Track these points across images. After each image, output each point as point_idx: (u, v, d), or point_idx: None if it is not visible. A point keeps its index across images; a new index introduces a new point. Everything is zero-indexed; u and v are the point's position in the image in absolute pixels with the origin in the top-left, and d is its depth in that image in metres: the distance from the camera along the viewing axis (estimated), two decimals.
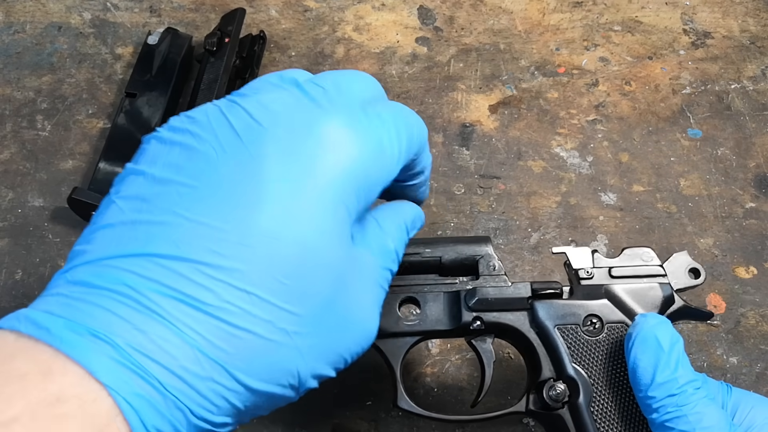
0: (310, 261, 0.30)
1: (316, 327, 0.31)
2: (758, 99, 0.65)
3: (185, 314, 0.28)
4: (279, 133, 0.31)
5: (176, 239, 0.28)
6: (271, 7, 0.70)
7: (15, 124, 0.63)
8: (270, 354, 0.29)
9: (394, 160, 0.34)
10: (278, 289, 0.29)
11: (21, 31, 0.68)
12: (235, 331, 0.28)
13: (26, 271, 0.57)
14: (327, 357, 0.32)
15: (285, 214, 0.29)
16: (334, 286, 0.31)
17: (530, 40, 0.69)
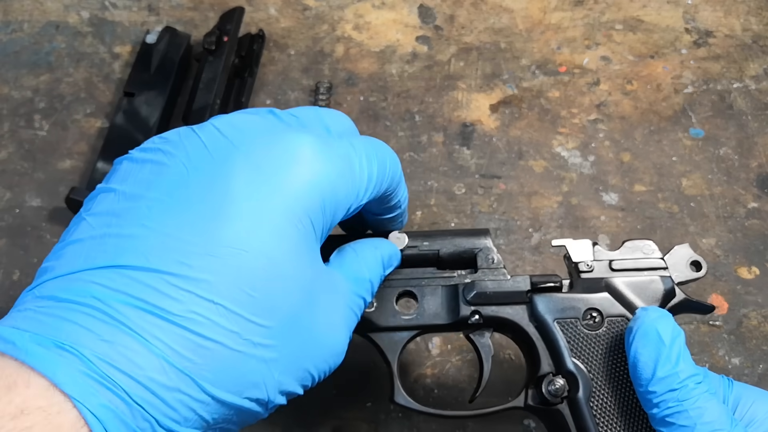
0: (277, 273, 0.30)
1: (283, 340, 0.31)
2: (760, 98, 0.65)
3: (152, 324, 0.28)
4: (248, 149, 0.32)
5: (144, 251, 0.29)
6: (270, 5, 0.70)
7: (13, 123, 0.63)
8: (237, 365, 0.29)
9: (363, 183, 0.35)
10: (245, 300, 0.29)
11: (19, 29, 0.68)
12: (202, 341, 0.28)
13: (24, 272, 0.56)
14: (294, 372, 0.32)
15: (251, 226, 0.30)
16: (301, 300, 0.32)
17: (531, 39, 0.68)
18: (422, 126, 0.63)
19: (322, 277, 0.34)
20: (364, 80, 0.66)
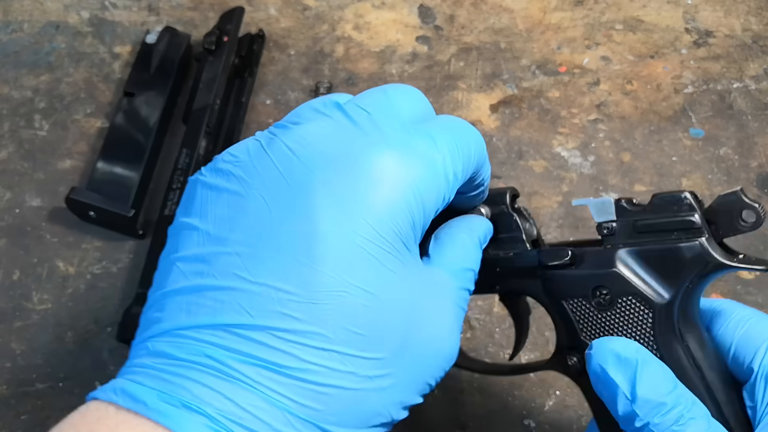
0: (380, 304, 0.30)
1: (398, 364, 0.31)
2: (761, 98, 0.65)
3: (269, 379, 0.28)
4: (326, 176, 0.30)
5: (246, 306, 0.29)
6: (270, 5, 0.70)
7: (13, 123, 0.63)
8: (358, 402, 0.29)
9: (449, 184, 0.33)
10: (355, 340, 0.29)
11: (18, 29, 0.68)
12: (320, 388, 0.28)
13: (24, 272, 0.56)
14: (413, 388, 0.32)
15: (346, 265, 0.29)
16: (409, 321, 0.31)
17: (531, 39, 0.68)
18: None
19: (425, 287, 0.33)
20: (364, 80, 0.66)
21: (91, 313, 0.55)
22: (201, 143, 0.58)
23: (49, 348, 0.54)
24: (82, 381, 0.53)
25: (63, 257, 0.57)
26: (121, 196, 0.56)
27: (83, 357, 0.53)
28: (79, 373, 0.53)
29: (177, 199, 0.55)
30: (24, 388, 0.52)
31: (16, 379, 0.52)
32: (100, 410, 0.28)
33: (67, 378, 0.53)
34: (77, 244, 0.57)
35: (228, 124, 0.62)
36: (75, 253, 0.57)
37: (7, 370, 0.53)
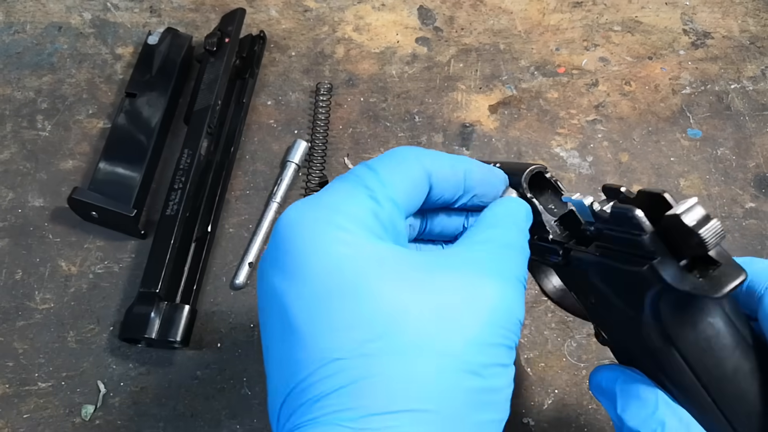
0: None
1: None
2: (758, 99, 0.65)
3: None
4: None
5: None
6: (271, 7, 0.70)
7: (15, 124, 0.63)
8: None
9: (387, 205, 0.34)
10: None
11: (21, 31, 0.68)
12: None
13: (26, 271, 0.57)
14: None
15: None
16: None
17: (530, 40, 0.69)
18: (422, 127, 0.64)
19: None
20: (364, 81, 0.66)
21: (93, 312, 0.55)
22: (202, 143, 0.58)
23: (52, 347, 0.54)
24: (84, 380, 0.53)
25: (65, 257, 0.57)
26: (123, 196, 0.56)
27: (85, 356, 0.54)
28: (81, 372, 0.53)
29: (178, 198, 0.56)
30: (26, 386, 0.52)
31: (18, 378, 0.53)
32: None
33: (69, 377, 0.53)
34: (79, 244, 0.58)
35: (229, 124, 0.62)
36: (77, 252, 0.57)
37: (10, 369, 0.53)
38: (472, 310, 0.31)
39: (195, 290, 0.55)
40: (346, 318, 0.30)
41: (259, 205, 0.60)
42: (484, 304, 0.31)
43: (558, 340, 0.54)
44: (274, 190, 0.60)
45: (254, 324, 0.55)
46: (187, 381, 0.53)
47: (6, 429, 0.51)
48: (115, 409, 0.52)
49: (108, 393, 0.52)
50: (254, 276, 0.57)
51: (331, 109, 0.64)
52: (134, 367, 0.53)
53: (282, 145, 0.63)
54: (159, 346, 0.53)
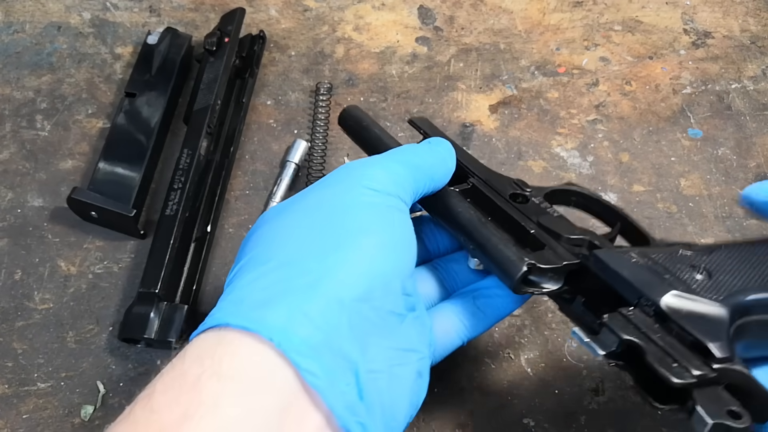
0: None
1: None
2: (759, 99, 0.65)
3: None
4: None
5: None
6: (270, 6, 0.70)
7: (14, 123, 0.63)
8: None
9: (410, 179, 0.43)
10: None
11: (20, 30, 0.68)
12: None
13: (26, 271, 0.57)
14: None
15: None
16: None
17: (530, 40, 0.69)
18: None
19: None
20: (364, 81, 0.66)
21: (92, 312, 0.55)
22: (202, 143, 0.58)
23: (51, 347, 0.54)
24: (83, 380, 0.53)
25: (64, 257, 0.57)
26: (123, 196, 0.56)
27: (85, 356, 0.54)
28: (80, 373, 0.53)
29: (178, 198, 0.56)
30: (26, 387, 0.52)
31: (17, 379, 0.53)
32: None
33: (68, 377, 0.53)
34: (79, 244, 0.58)
35: (229, 124, 0.62)
36: (76, 252, 0.57)
37: (9, 369, 0.53)
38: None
39: (194, 290, 0.55)
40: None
41: (259, 205, 0.60)
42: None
43: (558, 340, 0.54)
44: (274, 190, 0.60)
45: None
46: None
47: (5, 429, 0.51)
48: (115, 410, 0.52)
49: (107, 393, 0.52)
50: None
51: (331, 108, 0.64)
52: (134, 368, 0.53)
53: (282, 145, 0.63)
54: (159, 346, 0.53)
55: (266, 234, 0.39)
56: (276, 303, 0.34)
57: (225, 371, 0.32)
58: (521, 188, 0.46)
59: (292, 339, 0.33)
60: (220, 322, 0.34)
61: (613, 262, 0.38)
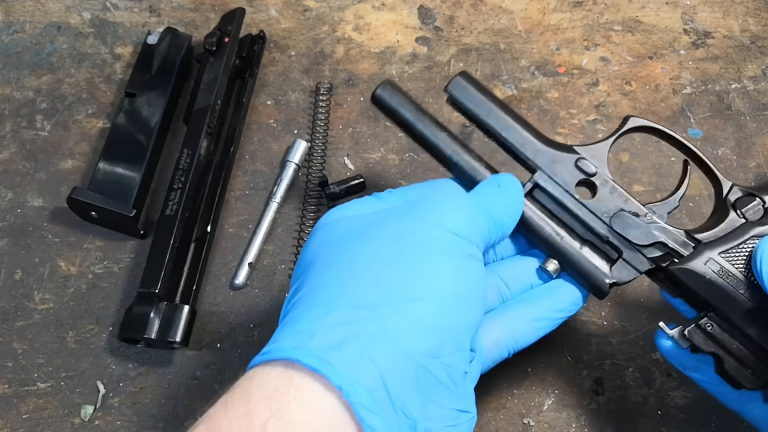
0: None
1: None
2: (759, 99, 0.65)
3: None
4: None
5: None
6: (270, 6, 0.70)
7: (14, 123, 0.63)
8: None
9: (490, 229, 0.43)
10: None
11: (20, 30, 0.68)
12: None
13: (26, 271, 0.57)
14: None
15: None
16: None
17: (530, 40, 0.69)
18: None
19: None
20: (364, 81, 0.66)
21: (92, 312, 0.55)
22: (202, 143, 0.58)
23: (51, 347, 0.54)
24: (83, 380, 0.53)
25: (64, 257, 0.57)
26: (123, 196, 0.56)
27: (84, 356, 0.54)
28: (80, 373, 0.53)
29: (178, 198, 0.56)
30: (26, 387, 0.52)
31: (17, 378, 0.53)
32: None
33: (68, 377, 0.53)
34: (79, 244, 0.58)
35: (229, 124, 0.62)
36: (76, 252, 0.57)
37: (9, 369, 0.53)
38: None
39: (194, 290, 0.55)
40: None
41: (259, 205, 0.60)
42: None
43: (558, 340, 0.54)
44: (274, 190, 0.60)
45: (254, 324, 0.55)
46: (186, 381, 0.53)
47: (5, 429, 0.51)
48: (115, 410, 0.52)
49: (107, 393, 0.52)
50: (253, 276, 0.57)
51: (330, 108, 0.64)
52: (134, 368, 0.53)
53: (282, 145, 0.63)
54: (158, 346, 0.53)
55: (339, 259, 0.37)
56: (347, 347, 0.33)
57: (292, 418, 0.31)
58: (585, 171, 0.45)
59: (359, 391, 0.32)
60: (290, 356, 0.33)
61: (689, 278, 0.43)
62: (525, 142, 0.45)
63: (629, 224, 0.44)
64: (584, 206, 0.45)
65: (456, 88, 0.46)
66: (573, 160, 0.45)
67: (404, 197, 0.42)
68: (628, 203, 0.45)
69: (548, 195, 0.45)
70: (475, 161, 0.46)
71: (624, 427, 0.51)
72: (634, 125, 0.46)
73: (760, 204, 0.44)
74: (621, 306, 0.56)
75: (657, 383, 0.53)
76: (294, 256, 0.58)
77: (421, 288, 0.35)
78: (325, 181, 0.59)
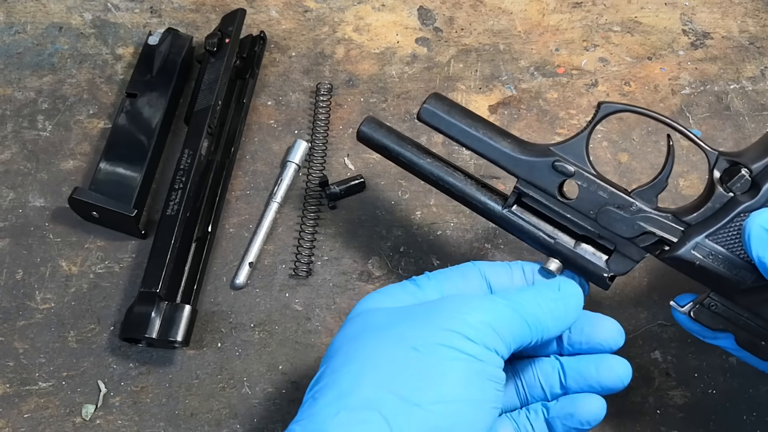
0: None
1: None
2: (757, 99, 0.66)
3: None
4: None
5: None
6: (271, 7, 0.70)
7: (16, 124, 0.63)
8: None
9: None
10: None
11: (22, 31, 0.68)
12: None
13: (27, 271, 0.57)
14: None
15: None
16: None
17: (530, 41, 0.69)
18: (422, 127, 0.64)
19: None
20: (364, 81, 0.66)
21: (93, 312, 0.55)
22: (203, 144, 0.58)
23: (52, 347, 0.54)
24: (84, 380, 0.53)
25: (66, 257, 0.57)
26: (124, 196, 0.57)
27: (86, 356, 0.54)
28: (81, 372, 0.53)
29: (179, 199, 0.56)
30: (27, 386, 0.53)
31: (19, 378, 0.53)
32: None
33: (69, 377, 0.53)
34: (80, 244, 0.58)
35: (229, 124, 0.62)
36: (78, 252, 0.58)
37: (11, 369, 0.53)
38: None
39: (195, 290, 0.55)
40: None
41: (260, 205, 0.60)
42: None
43: None
44: (275, 190, 0.60)
45: (254, 324, 0.55)
46: (187, 381, 0.53)
47: (6, 429, 0.51)
48: (116, 409, 0.52)
49: (108, 393, 0.53)
50: (254, 276, 0.57)
51: (331, 109, 0.64)
52: (135, 367, 0.53)
53: (282, 145, 0.63)
54: (159, 345, 0.53)
55: (357, 357, 0.39)
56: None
57: None
58: (563, 172, 0.45)
59: None
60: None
61: (679, 266, 0.43)
62: (501, 155, 0.46)
63: (615, 218, 0.44)
64: (570, 207, 0.45)
65: (426, 114, 0.47)
66: (550, 163, 0.45)
67: (440, 288, 0.43)
68: (613, 196, 0.45)
69: (534, 200, 0.46)
70: (461, 183, 0.48)
71: (623, 427, 0.52)
72: (607, 111, 0.45)
73: (746, 174, 0.42)
74: (620, 306, 0.56)
75: (656, 383, 0.53)
76: (294, 255, 0.58)
77: (426, 392, 0.36)
78: (326, 182, 0.59)
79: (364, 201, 0.60)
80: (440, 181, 0.48)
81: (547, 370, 0.44)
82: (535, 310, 0.40)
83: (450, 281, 0.44)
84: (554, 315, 0.41)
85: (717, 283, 0.43)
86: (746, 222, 0.40)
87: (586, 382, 0.43)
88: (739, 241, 0.42)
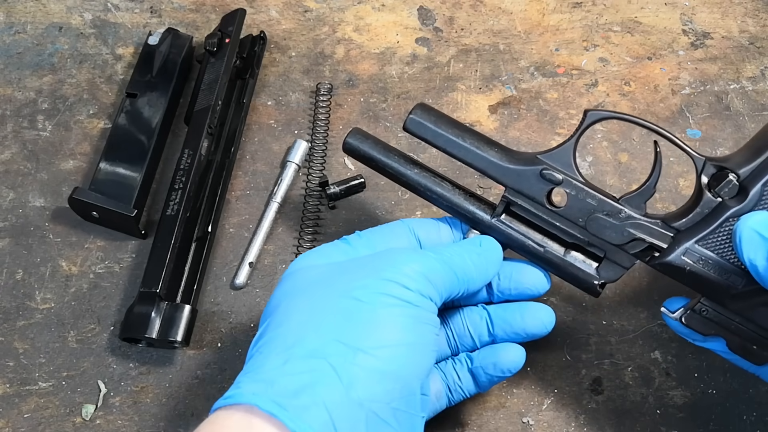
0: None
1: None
2: (757, 99, 0.66)
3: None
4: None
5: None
6: (271, 7, 0.70)
7: (16, 124, 0.63)
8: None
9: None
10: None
11: (22, 31, 0.68)
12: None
13: (27, 271, 0.57)
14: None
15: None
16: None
17: (530, 41, 0.69)
18: None
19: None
20: (364, 81, 0.66)
21: (93, 312, 0.55)
22: (203, 144, 0.58)
23: (52, 347, 0.54)
24: (84, 379, 0.53)
25: (66, 257, 0.57)
26: (124, 196, 0.57)
27: (86, 356, 0.54)
28: (81, 372, 0.53)
29: (179, 198, 0.56)
30: (27, 386, 0.53)
31: (19, 378, 0.53)
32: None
33: (69, 377, 0.53)
34: (80, 244, 0.58)
35: (229, 124, 0.62)
36: (78, 252, 0.58)
37: (11, 369, 0.53)
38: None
39: (195, 290, 0.55)
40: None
41: (260, 205, 0.60)
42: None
43: (558, 340, 0.54)
44: (275, 190, 0.60)
45: (254, 324, 0.55)
46: (187, 381, 0.53)
47: (6, 429, 0.51)
48: (116, 409, 0.52)
49: (108, 393, 0.53)
50: (254, 276, 0.57)
51: (331, 109, 0.64)
52: (135, 367, 0.53)
53: (282, 145, 0.63)
54: (159, 345, 0.53)
55: (299, 310, 0.40)
56: (302, 395, 0.36)
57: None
58: (551, 180, 0.45)
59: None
60: (250, 402, 0.36)
61: (670, 272, 0.43)
62: (488, 164, 0.46)
63: (604, 226, 0.45)
64: (559, 215, 0.45)
65: (412, 124, 0.47)
66: (537, 172, 0.45)
67: (371, 245, 0.45)
68: (602, 203, 0.45)
69: (523, 209, 0.46)
70: (449, 193, 0.48)
71: (623, 427, 0.52)
72: (593, 119, 0.45)
73: (734, 179, 0.42)
74: (620, 306, 0.56)
75: (656, 383, 0.53)
76: (294, 255, 0.58)
77: (368, 340, 0.38)
78: (326, 182, 0.59)
79: (364, 201, 0.60)
80: (428, 191, 0.48)
81: (475, 320, 0.47)
82: (462, 262, 0.43)
83: (381, 238, 0.46)
84: (478, 267, 0.44)
85: (708, 288, 0.43)
86: (736, 225, 0.40)
87: (512, 329, 0.47)
88: (729, 246, 0.42)
